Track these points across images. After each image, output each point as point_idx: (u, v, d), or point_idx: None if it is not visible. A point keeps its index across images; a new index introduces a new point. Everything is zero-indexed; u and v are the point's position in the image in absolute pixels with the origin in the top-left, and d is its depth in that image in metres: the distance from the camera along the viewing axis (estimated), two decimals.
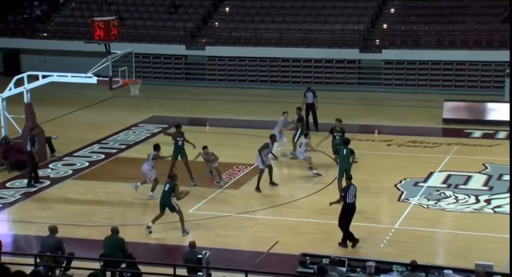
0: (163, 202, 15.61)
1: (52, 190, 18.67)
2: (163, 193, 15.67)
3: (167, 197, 15.55)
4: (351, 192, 14.66)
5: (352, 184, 14.88)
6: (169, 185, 15.62)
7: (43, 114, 23.01)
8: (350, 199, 14.64)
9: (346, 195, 14.64)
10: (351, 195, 14.65)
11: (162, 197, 15.66)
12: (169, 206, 15.57)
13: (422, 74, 30.00)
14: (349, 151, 17.56)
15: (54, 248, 13.00)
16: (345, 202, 14.64)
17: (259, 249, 14.85)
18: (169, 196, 15.52)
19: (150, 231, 15.63)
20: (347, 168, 17.27)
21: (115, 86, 19.48)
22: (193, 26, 33.26)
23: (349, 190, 14.69)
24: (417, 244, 15.03)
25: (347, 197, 14.63)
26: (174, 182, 15.71)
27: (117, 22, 19.46)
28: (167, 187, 15.58)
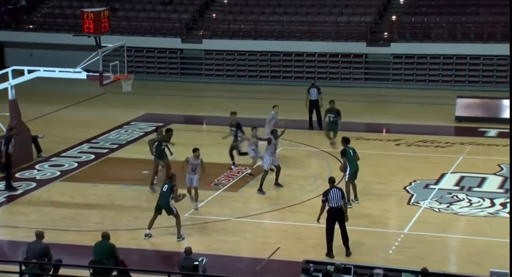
0: (160, 204, 15.59)
1: (38, 193, 18.66)
2: (161, 194, 15.66)
3: (165, 199, 15.55)
4: (335, 196, 14.45)
5: (335, 187, 14.75)
6: (168, 186, 15.61)
7: (29, 112, 23.00)
8: (334, 203, 14.44)
9: (327, 199, 14.47)
10: (336, 199, 14.43)
11: (160, 199, 15.64)
12: (167, 208, 15.56)
13: (433, 69, 30.00)
14: (353, 150, 17.53)
15: (41, 254, 13.00)
16: (328, 207, 14.46)
17: (259, 256, 14.85)
18: (168, 197, 15.53)
19: (150, 236, 15.64)
20: (356, 170, 17.23)
21: (106, 81, 19.47)
22: (189, 17, 33.26)
23: (330, 193, 14.51)
24: (427, 250, 15.03)
25: (330, 201, 14.44)
26: (173, 182, 15.70)
27: (108, 14, 19.45)
28: (166, 188, 15.58)
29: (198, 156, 16.97)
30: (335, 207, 14.53)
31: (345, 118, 25.18)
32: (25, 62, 24.51)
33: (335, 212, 14.52)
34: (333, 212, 14.52)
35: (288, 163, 20.58)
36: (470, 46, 29.40)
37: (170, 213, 15.62)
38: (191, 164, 16.86)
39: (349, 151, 17.45)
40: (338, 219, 14.58)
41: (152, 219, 15.68)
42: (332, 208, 14.52)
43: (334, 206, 14.52)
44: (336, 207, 14.52)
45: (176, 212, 15.62)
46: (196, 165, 16.87)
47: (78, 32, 22.83)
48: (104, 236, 13.35)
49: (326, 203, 14.54)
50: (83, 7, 30.07)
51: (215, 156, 21.16)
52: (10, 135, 18.91)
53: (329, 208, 14.53)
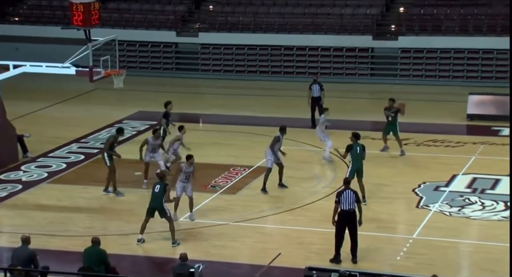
0: (153, 206, 15.56)
1: (24, 196, 18.64)
2: (153, 195, 15.60)
3: (158, 200, 15.52)
4: (347, 198, 14.33)
5: (349, 188, 14.61)
6: (160, 186, 15.56)
7: (14, 109, 22.99)
8: (346, 206, 14.33)
9: (339, 201, 14.36)
10: (348, 202, 14.31)
11: (152, 201, 15.61)
12: (161, 210, 15.52)
13: (444, 64, 30.00)
14: (361, 148, 17.51)
15: (27, 261, 12.97)
16: (340, 209, 14.39)
17: (259, 262, 14.84)
18: (161, 198, 15.50)
19: (142, 241, 15.62)
20: (359, 167, 17.22)
21: (96, 77, 19.46)
22: (184, 9, 33.24)
23: (343, 195, 14.39)
24: (438, 256, 15.02)
25: (342, 204, 14.35)
26: (165, 182, 15.67)
27: (98, 5, 19.43)
28: (158, 189, 15.53)
29: (191, 164, 16.70)
30: (346, 211, 14.42)
31: (350, 116, 25.24)
32: (10, 57, 24.41)
33: (346, 216, 14.40)
34: (343, 215, 14.42)
35: (290, 164, 20.54)
36: (483, 40, 29.39)
37: (163, 215, 15.59)
38: (185, 172, 16.62)
39: (356, 148, 17.45)
40: (348, 224, 14.47)
41: (144, 223, 15.66)
42: (343, 211, 14.43)
43: (346, 209, 14.41)
44: (347, 210, 14.40)
45: (169, 214, 15.61)
46: (190, 173, 16.69)
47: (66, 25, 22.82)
48: (94, 242, 13.32)
49: (338, 204, 14.42)
50: None
51: (212, 156, 21.18)
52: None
53: (340, 211, 14.45)
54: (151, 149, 18.84)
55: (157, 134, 19.19)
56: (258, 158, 20.74)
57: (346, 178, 15.34)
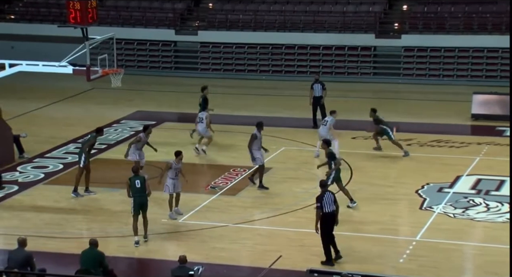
0: (141, 202, 15.62)
1: (20, 197, 18.68)
2: (136, 192, 15.62)
3: (143, 195, 15.63)
4: (328, 201, 14.63)
5: (328, 191, 14.92)
6: (139, 180, 15.68)
7: (10, 109, 23.04)
8: (329, 208, 14.61)
9: (322, 205, 14.59)
10: (330, 204, 14.62)
11: (138, 197, 15.63)
12: (146, 205, 15.68)
13: (448, 63, 30.03)
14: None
15: (23, 263, 13.01)
16: (322, 213, 14.59)
17: (260, 264, 14.87)
18: (144, 192, 15.63)
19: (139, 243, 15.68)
20: (339, 174, 17.42)
21: (93, 76, 19.48)
22: (183, 7, 33.28)
23: (324, 198, 14.65)
24: (441, 259, 15.05)
25: (324, 207, 14.58)
26: (142, 175, 15.86)
27: (95, 3, 19.46)
28: (139, 183, 15.62)
29: (181, 160, 16.88)
30: (330, 213, 14.66)
31: (353, 115, 25.26)
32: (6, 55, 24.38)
33: (330, 217, 14.66)
34: (328, 217, 14.64)
35: (291, 164, 20.61)
36: (488, 38, 29.42)
37: (146, 210, 15.70)
38: (175, 169, 16.76)
39: (334, 154, 17.69)
40: (332, 225, 14.72)
41: (135, 222, 15.69)
42: (327, 213, 14.63)
43: (330, 211, 14.65)
44: (331, 212, 14.66)
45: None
46: (179, 169, 16.84)
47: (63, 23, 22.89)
48: (92, 244, 13.37)
49: (320, 209, 14.60)
50: None
51: (212, 157, 21.23)
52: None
53: (324, 214, 14.62)
54: (141, 146, 18.92)
55: (148, 131, 19.23)
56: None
57: (323, 180, 15.48)
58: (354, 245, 15.61)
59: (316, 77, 24.33)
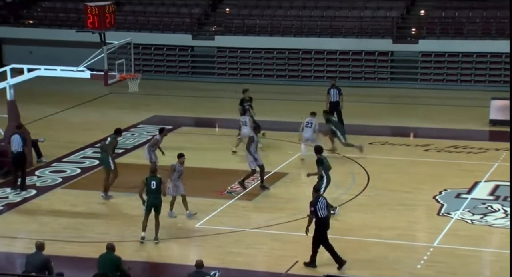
0: (154, 203, 15.80)
1: (38, 201, 18.78)
2: (151, 192, 15.80)
3: (157, 196, 15.83)
4: (321, 205, 14.70)
5: (321, 195, 15.00)
6: (155, 181, 15.86)
7: (28, 113, 23.17)
8: (323, 212, 14.69)
9: (316, 209, 14.64)
10: (324, 208, 14.71)
11: (152, 198, 15.81)
12: (159, 206, 15.86)
13: (466, 68, 29.91)
14: (327, 159, 17.48)
15: (41, 267, 13.08)
16: (317, 218, 14.66)
17: (276, 270, 14.86)
18: (159, 194, 15.83)
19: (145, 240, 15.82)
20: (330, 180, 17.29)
21: (111, 81, 19.59)
22: (200, 12, 33.38)
23: (318, 203, 14.70)
24: (459, 265, 14.98)
25: (318, 212, 14.64)
26: (159, 176, 16.04)
27: (113, 8, 19.57)
28: (154, 185, 15.82)
29: (183, 163, 17.16)
30: (324, 217, 14.74)
31: (370, 121, 25.22)
32: (24, 60, 24.70)
33: (325, 222, 14.74)
34: (323, 222, 14.72)
35: (308, 170, 20.55)
36: (506, 43, 29.15)
37: (159, 212, 15.85)
38: (178, 171, 17.02)
39: (325, 161, 17.39)
40: (326, 229, 14.79)
41: (145, 220, 15.86)
42: (321, 218, 14.69)
43: (324, 216, 14.72)
44: (325, 217, 14.75)
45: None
46: (182, 172, 17.12)
47: (81, 28, 23.02)
48: (109, 248, 13.40)
49: (314, 214, 14.65)
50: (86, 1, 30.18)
51: (228, 161, 21.24)
52: (22, 132, 19.33)
53: (318, 219, 14.67)
54: (156, 148, 19.15)
55: (164, 133, 19.45)
56: (275, 164, 20.80)
57: (316, 185, 15.43)
58: (371, 251, 15.58)
59: (332, 82, 24.30)
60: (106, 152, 18.61)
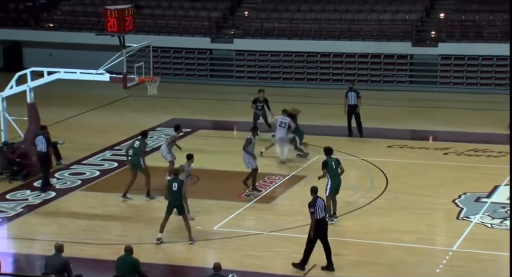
0: (173, 204, 15.91)
1: (58, 203, 18.89)
2: (172, 194, 15.88)
3: (178, 198, 15.89)
4: (320, 207, 14.70)
5: (318, 197, 14.91)
6: (177, 183, 15.93)
7: (48, 116, 23.30)
8: (321, 214, 14.67)
9: (315, 211, 14.60)
10: (321, 210, 14.71)
11: (172, 199, 15.90)
12: (180, 208, 15.94)
13: (486, 71, 29.72)
14: (336, 162, 17.13)
15: (60, 269, 13.15)
16: (316, 219, 14.63)
17: (294, 273, 14.84)
18: (180, 196, 15.90)
19: (162, 241, 15.96)
20: (338, 184, 16.99)
21: (130, 84, 19.67)
22: (219, 15, 33.44)
23: (317, 204, 14.68)
24: (478, 269, 14.89)
25: (316, 213, 14.61)
26: (180, 178, 16.12)
27: (132, 11, 19.66)
28: (176, 186, 15.89)
29: (192, 163, 17.52)
30: (322, 219, 14.74)
31: (388, 124, 25.14)
32: (44, 63, 24.84)
33: (323, 224, 14.75)
34: (321, 224, 14.71)
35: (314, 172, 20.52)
36: None
37: (182, 212, 15.95)
38: (186, 172, 17.28)
39: (331, 163, 17.06)
40: (323, 231, 14.73)
41: (164, 221, 15.97)
42: (319, 220, 14.68)
43: (321, 217, 14.73)
44: (322, 218, 14.76)
45: (187, 212, 16.00)
46: (189, 172, 17.43)
47: (100, 31, 23.13)
48: (127, 250, 13.45)
49: (315, 215, 14.65)
50: (106, 4, 30.39)
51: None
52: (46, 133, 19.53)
53: (316, 221, 14.65)
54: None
55: (180, 130, 19.72)
56: (293, 167, 20.79)
57: (314, 186, 15.32)
58: (390, 255, 15.52)
59: (350, 86, 24.22)
60: (137, 155, 18.58)
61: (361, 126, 23.55)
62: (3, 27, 34.44)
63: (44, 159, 19.42)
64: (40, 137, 19.36)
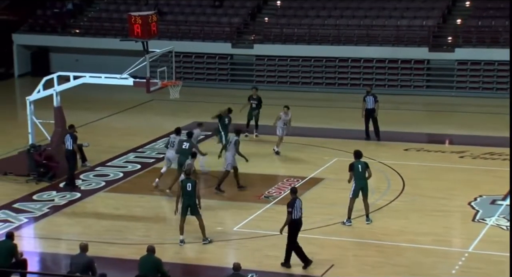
0: (189, 204, 15.91)
1: (82, 204, 19.00)
2: (186, 194, 15.88)
3: (192, 198, 15.90)
4: (297, 207, 14.84)
5: (297, 198, 14.99)
6: (191, 183, 15.93)
7: (73, 119, 23.36)
8: (296, 214, 14.80)
9: (292, 211, 14.73)
10: (298, 210, 14.84)
11: (187, 199, 15.91)
12: (194, 207, 15.94)
13: (502, 76, 29.50)
14: (364, 166, 17.08)
15: (85, 268, 13.22)
16: (292, 219, 14.77)
17: (312, 273, 14.83)
18: (194, 196, 15.91)
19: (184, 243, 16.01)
20: (363, 187, 16.96)
21: (153, 88, 19.74)
22: (240, 21, 33.49)
23: (295, 204, 14.81)
24: (494, 271, 14.78)
25: (293, 213, 14.73)
26: (194, 179, 16.18)
27: (156, 18, 19.73)
28: (190, 187, 15.89)
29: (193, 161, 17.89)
30: (298, 219, 14.86)
31: (405, 128, 25.02)
32: (70, 68, 25.03)
33: (298, 223, 14.89)
34: (297, 223, 14.86)
35: (343, 175, 20.46)
36: None
37: (196, 213, 15.95)
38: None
39: (358, 166, 17.03)
40: (298, 229, 14.91)
41: (182, 223, 16.01)
42: (295, 219, 14.80)
43: (297, 217, 14.84)
44: (298, 218, 14.87)
45: (199, 212, 16.02)
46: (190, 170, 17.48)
47: (125, 37, 23.21)
48: (150, 250, 13.50)
49: (291, 215, 14.74)
50: (130, 11, 30.57)
51: (266, 167, 21.26)
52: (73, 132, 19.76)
53: (293, 220, 14.77)
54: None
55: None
56: (311, 170, 20.76)
57: (294, 187, 15.43)
58: (406, 256, 15.45)
59: (368, 90, 24.15)
60: (185, 155, 18.60)
61: (378, 129, 23.46)
62: (31, 33, 34.75)
63: (69, 156, 19.57)
64: (67, 136, 19.64)
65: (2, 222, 17.59)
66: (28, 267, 14.00)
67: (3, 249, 13.71)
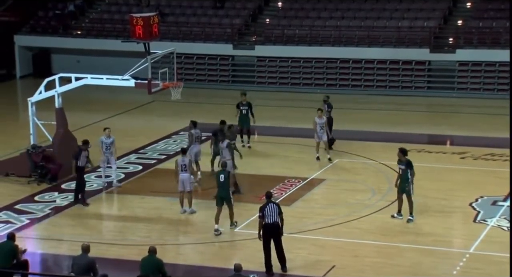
0: (221, 195, 16.35)
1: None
2: (220, 185, 16.32)
3: (225, 189, 16.34)
4: (271, 212, 14.54)
5: (272, 202, 14.80)
6: (224, 175, 16.36)
7: (75, 120, 23.48)
8: (270, 219, 14.53)
9: (264, 215, 14.54)
10: (272, 215, 14.53)
11: (220, 190, 16.38)
12: (228, 198, 16.39)
13: (502, 77, 29.51)
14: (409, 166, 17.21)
15: (86, 269, 13.24)
16: (265, 223, 14.57)
17: (313, 274, 14.83)
18: (228, 187, 16.36)
19: (220, 233, 16.35)
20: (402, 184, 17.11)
21: (154, 89, 19.76)
22: (241, 23, 33.52)
23: (266, 209, 14.58)
24: (495, 272, 14.78)
25: (266, 217, 14.54)
26: (228, 170, 16.61)
27: (157, 19, 19.76)
28: (223, 178, 16.33)
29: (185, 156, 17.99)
30: (271, 224, 14.60)
31: (406, 129, 25.04)
32: (72, 69, 25.05)
33: (270, 228, 14.62)
34: (268, 228, 14.61)
35: (345, 176, 20.52)
36: None
37: (229, 202, 16.44)
38: (180, 165, 17.61)
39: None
40: (273, 236, 14.63)
41: (218, 213, 16.37)
42: (267, 224, 14.60)
43: (270, 222, 14.60)
44: (271, 223, 14.59)
45: (233, 201, 16.55)
46: (186, 164, 17.64)
47: (126, 38, 23.24)
48: (151, 251, 13.51)
49: (263, 219, 14.60)
50: (132, 12, 30.64)
51: (267, 168, 21.27)
52: (81, 146, 19.22)
53: (264, 224, 14.63)
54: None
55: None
56: (312, 170, 20.78)
57: (269, 191, 15.31)
58: (408, 256, 15.46)
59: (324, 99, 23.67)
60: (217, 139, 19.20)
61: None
62: (33, 34, 34.81)
63: (81, 173, 18.94)
64: (82, 152, 18.87)
65: (4, 223, 17.62)
66: (30, 268, 14.01)
67: (4, 250, 13.73)
